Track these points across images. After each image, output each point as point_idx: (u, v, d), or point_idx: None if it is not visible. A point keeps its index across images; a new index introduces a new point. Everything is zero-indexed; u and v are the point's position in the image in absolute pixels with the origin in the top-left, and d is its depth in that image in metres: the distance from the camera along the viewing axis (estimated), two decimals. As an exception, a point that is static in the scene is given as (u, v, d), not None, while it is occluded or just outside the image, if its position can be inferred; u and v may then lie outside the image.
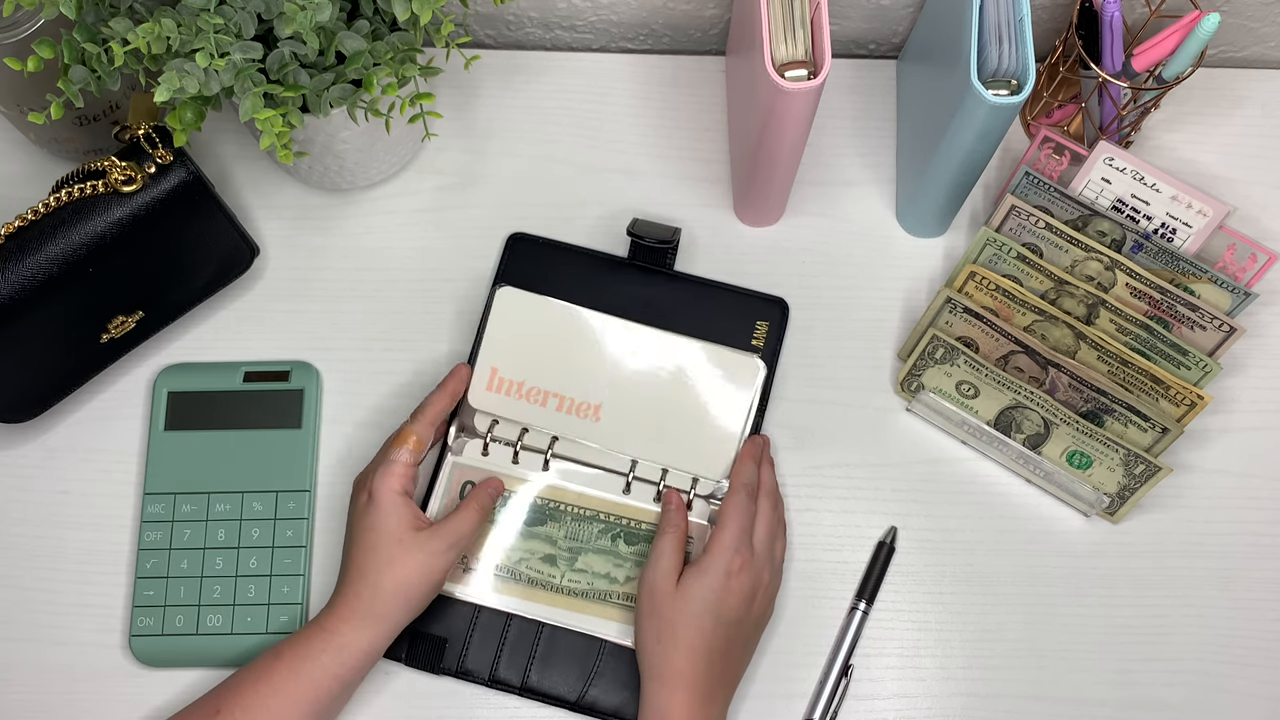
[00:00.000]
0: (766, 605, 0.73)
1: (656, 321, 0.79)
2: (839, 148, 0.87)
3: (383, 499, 0.70)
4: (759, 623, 0.73)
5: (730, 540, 0.70)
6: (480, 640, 0.75)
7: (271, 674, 0.67)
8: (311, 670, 0.67)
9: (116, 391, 0.80)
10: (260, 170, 0.85)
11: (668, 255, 0.81)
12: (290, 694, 0.67)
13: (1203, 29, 0.72)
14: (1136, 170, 0.77)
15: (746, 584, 0.70)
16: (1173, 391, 0.74)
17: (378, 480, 0.70)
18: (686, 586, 0.69)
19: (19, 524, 0.77)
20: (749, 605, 0.70)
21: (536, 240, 0.83)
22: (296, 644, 0.68)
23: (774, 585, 0.74)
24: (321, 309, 0.82)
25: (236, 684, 0.68)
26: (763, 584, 0.72)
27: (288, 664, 0.67)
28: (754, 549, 0.71)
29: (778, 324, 0.81)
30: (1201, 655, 0.76)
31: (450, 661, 0.74)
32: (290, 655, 0.68)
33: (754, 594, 0.71)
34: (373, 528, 0.69)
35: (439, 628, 0.75)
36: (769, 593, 0.73)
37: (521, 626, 0.75)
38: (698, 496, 0.76)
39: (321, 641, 0.68)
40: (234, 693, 0.67)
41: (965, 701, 0.75)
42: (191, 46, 0.64)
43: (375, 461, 0.73)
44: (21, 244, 0.68)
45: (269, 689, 0.67)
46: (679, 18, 0.89)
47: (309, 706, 0.67)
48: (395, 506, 0.70)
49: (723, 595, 0.69)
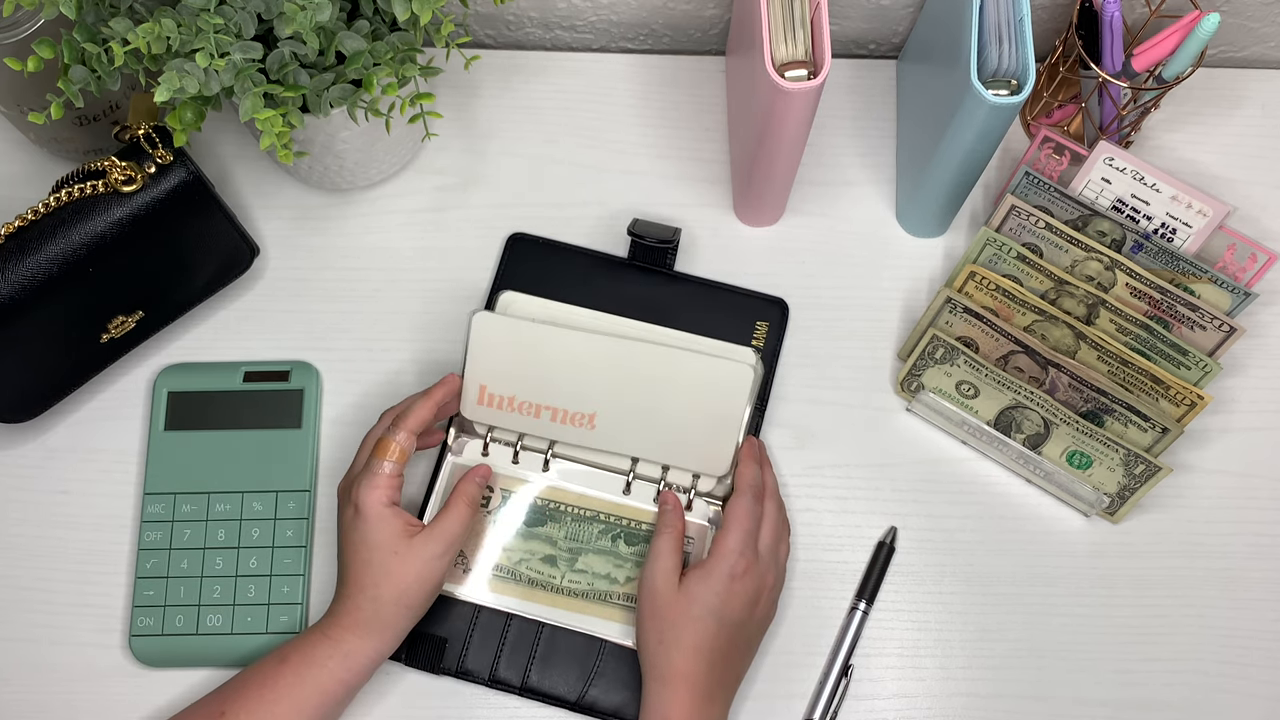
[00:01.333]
0: (770, 608, 0.73)
1: (656, 321, 0.79)
2: (839, 148, 0.87)
3: (370, 512, 0.69)
4: (761, 625, 0.73)
5: (735, 543, 0.70)
6: (480, 640, 0.75)
7: (277, 679, 0.67)
8: (318, 676, 0.67)
9: (116, 391, 0.80)
10: (260, 170, 0.85)
11: (668, 255, 0.81)
12: (296, 699, 0.67)
13: (1203, 29, 0.72)
14: (1136, 170, 0.77)
15: (750, 587, 0.70)
16: (1173, 391, 0.74)
17: (363, 493, 0.69)
18: (690, 588, 0.69)
19: (19, 524, 0.77)
20: (752, 608, 0.70)
21: (536, 240, 0.83)
22: (302, 649, 0.68)
23: (778, 588, 0.74)
24: (321, 309, 0.82)
25: (240, 686, 0.68)
26: (767, 586, 0.72)
27: (293, 669, 0.67)
28: (759, 552, 0.71)
29: (778, 324, 0.81)
30: (1201, 655, 0.76)
31: (450, 662, 0.74)
32: (296, 660, 0.68)
33: (758, 597, 0.71)
34: (364, 541, 0.69)
35: (439, 628, 0.75)
36: (772, 595, 0.73)
37: (521, 626, 0.75)
38: (699, 495, 0.76)
39: (327, 648, 0.68)
40: (238, 696, 0.67)
41: (965, 701, 0.75)
42: (191, 46, 0.64)
43: (356, 469, 0.72)
44: (21, 244, 0.68)
45: (274, 694, 0.67)
46: (679, 18, 0.89)
47: (314, 711, 0.67)
48: (383, 519, 0.69)
49: (726, 598, 0.69)
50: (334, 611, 0.69)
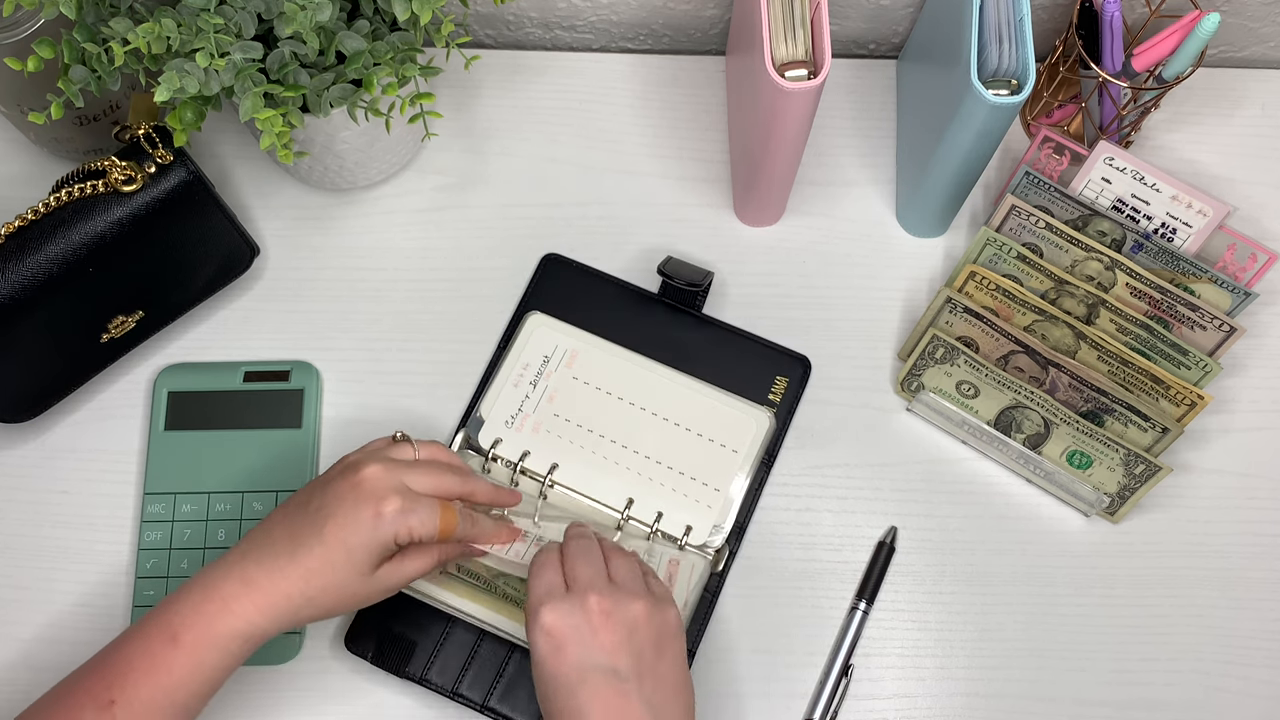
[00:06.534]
0: (660, 621, 0.64)
1: (677, 362, 0.79)
2: (839, 148, 0.87)
3: (383, 540, 0.62)
4: (660, 636, 0.64)
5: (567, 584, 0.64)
6: (450, 652, 0.73)
7: (172, 664, 0.60)
8: (220, 660, 0.61)
9: (116, 391, 0.80)
10: (260, 170, 0.85)
11: (697, 298, 0.81)
12: (194, 686, 0.60)
13: (1203, 29, 0.72)
14: (1136, 170, 0.77)
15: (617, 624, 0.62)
16: (1173, 391, 0.74)
17: (401, 521, 0.62)
18: None
19: (19, 524, 0.77)
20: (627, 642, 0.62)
21: (570, 264, 0.83)
22: (197, 626, 0.60)
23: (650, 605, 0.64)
24: (321, 309, 0.82)
25: (127, 669, 0.60)
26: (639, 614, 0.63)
27: (189, 652, 0.60)
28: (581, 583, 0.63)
29: (797, 382, 0.80)
30: (1201, 655, 0.76)
31: (416, 668, 0.72)
32: (192, 642, 0.60)
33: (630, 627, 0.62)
34: (347, 550, 0.61)
35: (411, 631, 0.73)
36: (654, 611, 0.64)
37: (493, 646, 0.73)
38: (689, 546, 0.76)
39: (227, 625, 0.60)
40: (127, 681, 0.60)
41: (965, 701, 0.75)
42: (191, 46, 0.64)
43: (402, 477, 0.64)
44: (21, 244, 0.68)
45: (171, 680, 0.60)
46: (679, 18, 0.89)
47: (209, 695, 0.61)
48: (384, 549, 0.62)
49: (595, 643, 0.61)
50: (248, 578, 0.61)
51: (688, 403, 0.78)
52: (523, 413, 0.78)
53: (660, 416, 0.78)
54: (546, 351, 0.79)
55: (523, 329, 0.80)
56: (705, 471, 0.77)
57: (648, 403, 0.78)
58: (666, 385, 0.79)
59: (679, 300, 0.81)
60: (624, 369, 0.79)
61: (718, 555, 0.75)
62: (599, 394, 0.78)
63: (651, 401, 0.78)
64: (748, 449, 0.77)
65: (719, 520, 0.76)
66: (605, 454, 0.77)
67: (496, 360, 0.80)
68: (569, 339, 0.80)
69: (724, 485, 0.77)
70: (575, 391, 0.78)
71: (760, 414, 0.78)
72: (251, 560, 0.62)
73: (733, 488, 0.77)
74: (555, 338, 0.80)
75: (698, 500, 0.76)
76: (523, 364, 0.79)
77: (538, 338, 0.80)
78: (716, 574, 0.75)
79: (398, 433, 0.69)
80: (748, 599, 0.76)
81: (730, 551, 0.76)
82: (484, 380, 0.80)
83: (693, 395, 0.78)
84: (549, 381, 0.79)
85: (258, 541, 0.63)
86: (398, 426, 0.78)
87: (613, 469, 0.77)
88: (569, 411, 0.78)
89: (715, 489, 0.76)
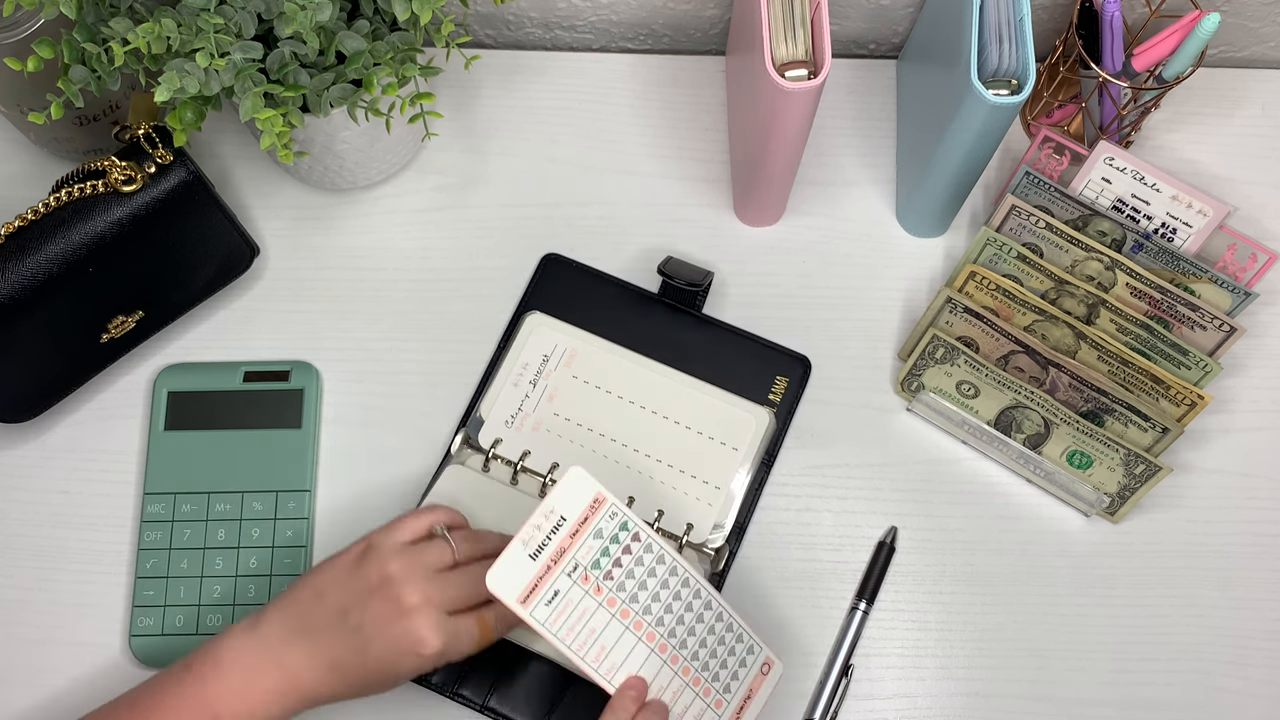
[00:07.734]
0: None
1: (677, 362, 0.79)
2: (839, 148, 0.87)
3: (424, 670, 0.64)
4: None
5: None
6: None
7: None
8: None
9: (116, 391, 0.80)
10: (260, 170, 0.85)
11: (697, 298, 0.81)
12: None
13: (1203, 29, 0.72)
14: (1136, 170, 0.77)
15: None
16: (1173, 391, 0.74)
17: (442, 659, 0.64)
18: None
19: (19, 524, 0.77)
20: None
21: (570, 264, 0.83)
22: (239, 713, 0.62)
23: None
24: (321, 309, 0.82)
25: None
26: None
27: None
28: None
29: (797, 381, 0.80)
30: (1201, 655, 0.76)
31: None
32: None
33: None
34: (388, 676, 0.64)
35: None
36: None
37: (493, 646, 0.71)
38: (689, 544, 0.76)
39: (266, 713, 0.62)
40: None
41: (965, 701, 0.75)
42: (191, 46, 0.64)
43: (442, 600, 0.64)
44: (21, 244, 0.68)
45: None
46: (679, 18, 0.89)
47: None
48: (426, 666, 0.64)
49: None
50: (297, 682, 0.62)
51: (687, 401, 0.78)
52: (523, 412, 0.78)
53: (660, 415, 0.78)
54: (546, 351, 0.79)
55: (522, 328, 0.80)
56: (705, 469, 0.77)
57: (648, 401, 0.78)
58: (666, 384, 0.79)
59: (679, 300, 0.81)
60: (624, 368, 0.79)
61: (718, 555, 0.75)
62: (599, 393, 0.78)
63: (651, 400, 0.78)
64: (748, 446, 0.77)
65: (720, 518, 0.76)
66: (605, 453, 0.77)
67: (496, 360, 0.80)
68: (569, 338, 0.80)
69: (724, 482, 0.77)
70: (575, 391, 0.78)
71: (760, 412, 0.78)
72: (301, 660, 0.63)
73: (733, 485, 0.77)
74: (555, 337, 0.80)
75: (698, 498, 0.76)
76: (522, 363, 0.79)
77: (537, 337, 0.80)
78: (717, 574, 0.75)
79: (437, 526, 0.67)
80: (748, 599, 0.76)
81: (730, 551, 0.76)
82: (484, 380, 0.80)
83: (692, 394, 0.78)
84: (549, 381, 0.79)
85: (295, 634, 0.63)
86: (398, 426, 0.79)
87: (613, 468, 0.77)
88: (569, 411, 0.78)
89: (716, 486, 0.76)
